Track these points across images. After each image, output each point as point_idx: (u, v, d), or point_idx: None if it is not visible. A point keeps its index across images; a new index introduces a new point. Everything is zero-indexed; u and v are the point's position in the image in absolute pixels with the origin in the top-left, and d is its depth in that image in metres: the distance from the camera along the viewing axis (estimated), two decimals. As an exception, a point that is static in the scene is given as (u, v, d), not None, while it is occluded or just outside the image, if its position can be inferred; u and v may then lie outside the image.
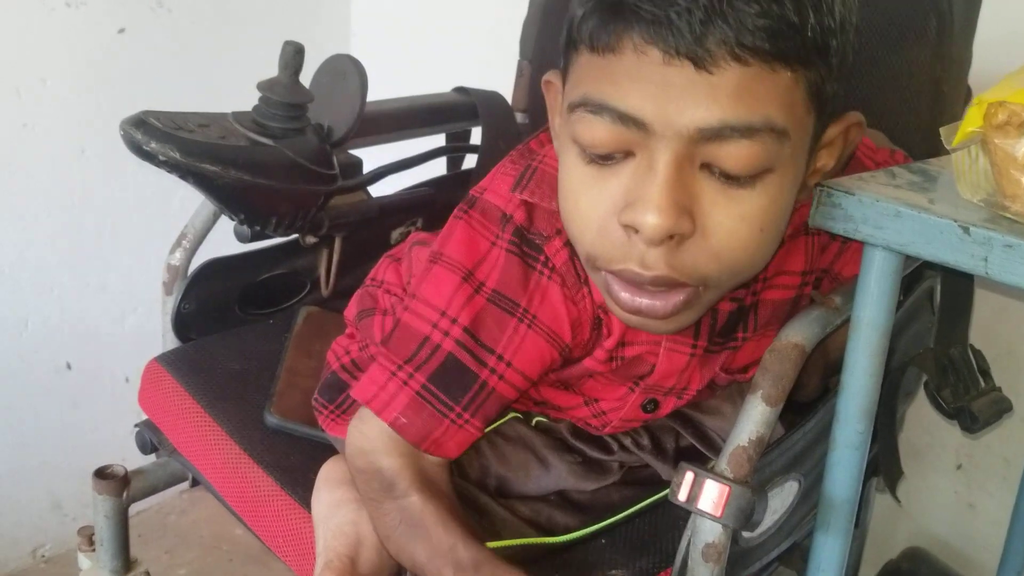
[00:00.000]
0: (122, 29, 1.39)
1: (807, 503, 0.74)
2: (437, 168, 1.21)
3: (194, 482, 1.01)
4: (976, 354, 0.84)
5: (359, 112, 0.94)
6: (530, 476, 0.79)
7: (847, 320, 0.67)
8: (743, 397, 0.66)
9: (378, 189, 1.10)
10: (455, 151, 1.21)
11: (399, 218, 1.15)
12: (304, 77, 0.90)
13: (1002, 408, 0.83)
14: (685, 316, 0.65)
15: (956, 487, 1.19)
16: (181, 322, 1.02)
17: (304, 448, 0.88)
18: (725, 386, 0.82)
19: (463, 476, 0.77)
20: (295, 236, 1.03)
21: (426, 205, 1.16)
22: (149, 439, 1.00)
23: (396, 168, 1.10)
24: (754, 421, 0.63)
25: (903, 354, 0.81)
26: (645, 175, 0.58)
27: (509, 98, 1.21)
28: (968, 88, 0.91)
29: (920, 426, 1.18)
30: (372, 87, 0.95)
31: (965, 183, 0.60)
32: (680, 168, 0.58)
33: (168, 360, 0.99)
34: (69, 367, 1.48)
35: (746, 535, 0.67)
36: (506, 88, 1.21)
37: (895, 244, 0.60)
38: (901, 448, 0.84)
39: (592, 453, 0.81)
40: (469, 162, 1.21)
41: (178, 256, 1.01)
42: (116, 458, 1.04)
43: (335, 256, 1.10)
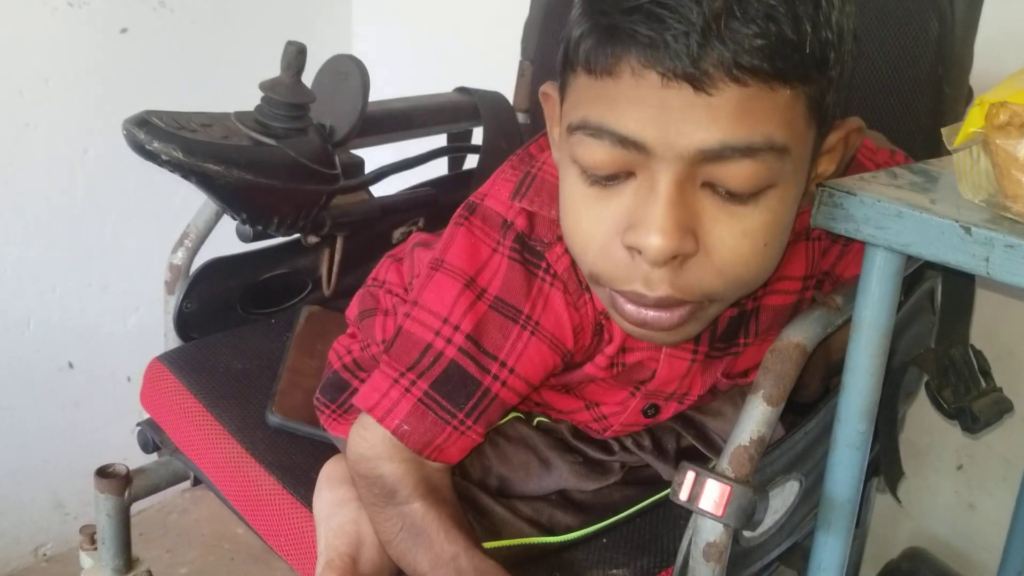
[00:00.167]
0: (124, 29, 1.39)
1: (808, 503, 0.74)
2: (439, 168, 1.21)
3: (196, 481, 1.01)
4: (977, 354, 0.84)
5: (361, 112, 0.94)
6: (531, 476, 0.79)
7: (848, 320, 0.67)
8: (744, 399, 0.65)
9: (380, 189, 1.10)
10: (457, 151, 1.21)
11: (401, 218, 1.15)
12: (306, 77, 0.90)
13: (1003, 408, 0.83)
14: (690, 327, 0.65)
15: (957, 487, 1.19)
16: (183, 321, 1.02)
17: (306, 447, 0.88)
18: (726, 390, 0.82)
19: (464, 476, 0.77)
20: (297, 236, 1.03)
21: (428, 205, 1.16)
22: (151, 438, 1.00)
23: (398, 168, 1.10)
24: (755, 421, 0.63)
25: (904, 354, 0.81)
26: (647, 196, 0.58)
27: (511, 98, 1.21)
28: (969, 89, 0.91)
29: (921, 427, 1.18)
30: (374, 87, 0.95)
31: (966, 183, 0.60)
32: (682, 189, 0.57)
33: (170, 359, 0.99)
34: (71, 366, 1.48)
35: (747, 535, 0.67)
36: (508, 88, 1.22)
37: (897, 244, 0.60)
38: (902, 448, 0.84)
39: (593, 453, 0.81)
40: (470, 162, 1.21)
41: (180, 255, 1.01)
42: (118, 458, 1.04)
43: (337, 256, 1.10)
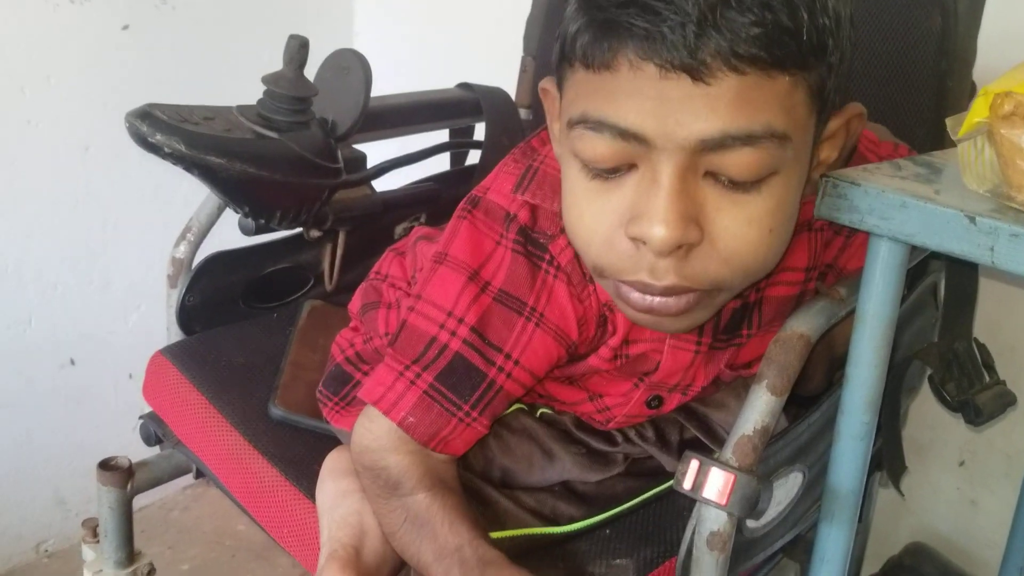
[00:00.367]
0: (126, 26, 1.39)
1: (811, 496, 0.74)
2: (441, 163, 1.21)
3: (198, 474, 1.01)
4: (980, 348, 0.84)
5: (363, 107, 0.94)
6: (534, 467, 0.79)
7: (852, 312, 0.67)
8: (748, 391, 0.65)
9: (382, 184, 1.10)
10: (459, 147, 1.21)
11: (403, 213, 1.15)
12: (308, 73, 0.90)
13: (1006, 402, 0.83)
14: (697, 315, 0.65)
15: (959, 483, 1.19)
16: (185, 315, 1.02)
17: (308, 440, 0.88)
18: (730, 381, 0.82)
19: (468, 467, 0.77)
20: (299, 230, 1.03)
21: (430, 200, 1.16)
22: (153, 431, 1.00)
23: (400, 163, 1.10)
24: (759, 411, 0.63)
25: (907, 349, 0.81)
26: (650, 187, 0.58)
27: (513, 94, 1.21)
28: (972, 83, 0.91)
29: (923, 422, 1.18)
30: (376, 82, 0.95)
31: (971, 174, 0.60)
32: (684, 179, 0.58)
33: (172, 352, 0.99)
34: (72, 364, 1.48)
35: (750, 525, 0.67)
36: (510, 84, 1.22)
37: (901, 235, 0.60)
38: (904, 444, 0.84)
39: (596, 445, 0.81)
40: (472, 158, 1.21)
41: (183, 249, 1.01)
42: (119, 454, 1.04)
43: (339, 250, 1.10)
